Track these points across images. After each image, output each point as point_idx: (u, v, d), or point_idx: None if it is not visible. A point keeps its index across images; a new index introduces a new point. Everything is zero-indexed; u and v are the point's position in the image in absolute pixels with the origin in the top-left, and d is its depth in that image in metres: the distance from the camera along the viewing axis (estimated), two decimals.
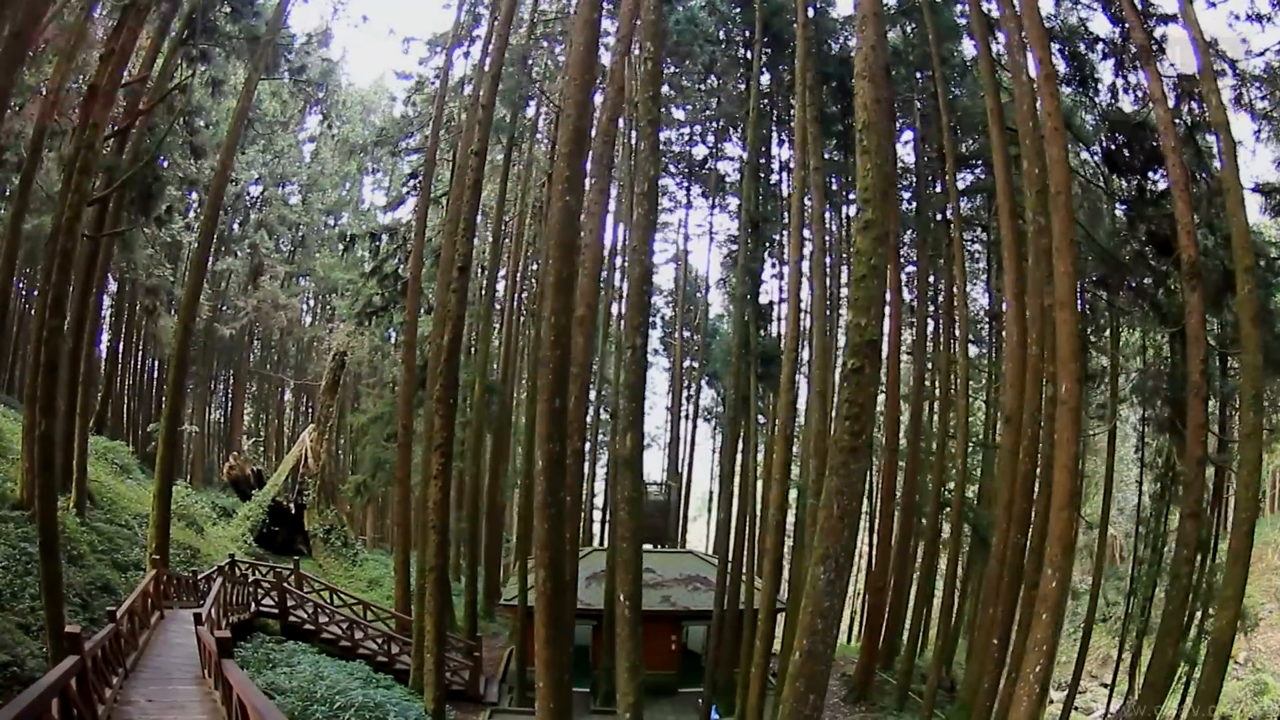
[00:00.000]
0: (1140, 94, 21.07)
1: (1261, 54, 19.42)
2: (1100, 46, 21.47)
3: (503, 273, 33.73)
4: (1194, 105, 19.80)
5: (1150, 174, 21.78)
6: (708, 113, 38.86)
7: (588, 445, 41.54)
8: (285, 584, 24.09)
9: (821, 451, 19.70)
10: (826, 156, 27.00)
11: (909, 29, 29.31)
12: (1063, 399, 14.08)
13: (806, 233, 23.58)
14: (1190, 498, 16.96)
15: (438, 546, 14.67)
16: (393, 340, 34.83)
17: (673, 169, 40.71)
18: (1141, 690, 20.40)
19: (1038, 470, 17.70)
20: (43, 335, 15.57)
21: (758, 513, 26.00)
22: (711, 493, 45.05)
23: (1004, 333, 25.42)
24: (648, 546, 28.41)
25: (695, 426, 45.69)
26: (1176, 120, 18.67)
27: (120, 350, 43.81)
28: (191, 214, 35.93)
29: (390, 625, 25.00)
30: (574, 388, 12.14)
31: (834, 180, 31.27)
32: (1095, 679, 43.61)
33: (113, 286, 42.43)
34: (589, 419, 37.75)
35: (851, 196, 31.71)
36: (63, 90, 21.48)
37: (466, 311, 16.90)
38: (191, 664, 14.49)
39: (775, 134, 31.69)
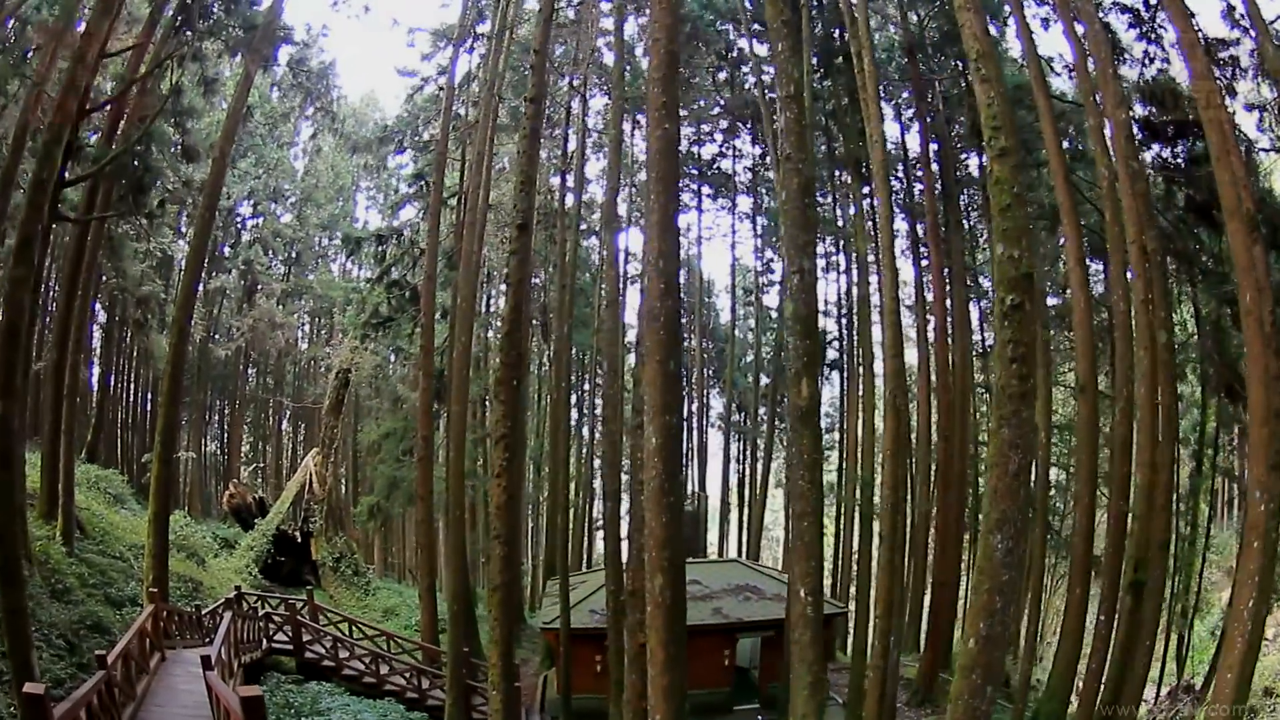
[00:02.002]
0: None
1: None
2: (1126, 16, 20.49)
3: None
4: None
5: (1183, 141, 20.30)
6: (716, 110, 36.63)
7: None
8: (299, 616, 21.01)
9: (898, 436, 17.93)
10: None
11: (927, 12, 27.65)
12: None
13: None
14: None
15: (504, 560, 11.94)
16: (401, 353, 31.79)
17: (681, 169, 38.11)
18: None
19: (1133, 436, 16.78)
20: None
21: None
22: (728, 503, 42.82)
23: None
24: (690, 557, 26.15)
25: (706, 436, 43.13)
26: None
27: (112, 381, 40.66)
28: (183, 227, 33.04)
29: (417, 657, 21.95)
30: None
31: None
32: None
33: (102, 318, 39.67)
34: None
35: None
36: (47, 84, 18.63)
37: (526, 276, 14.17)
38: (201, 716, 11.53)
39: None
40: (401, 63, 74.90)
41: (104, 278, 36.03)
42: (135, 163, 20.38)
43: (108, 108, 20.62)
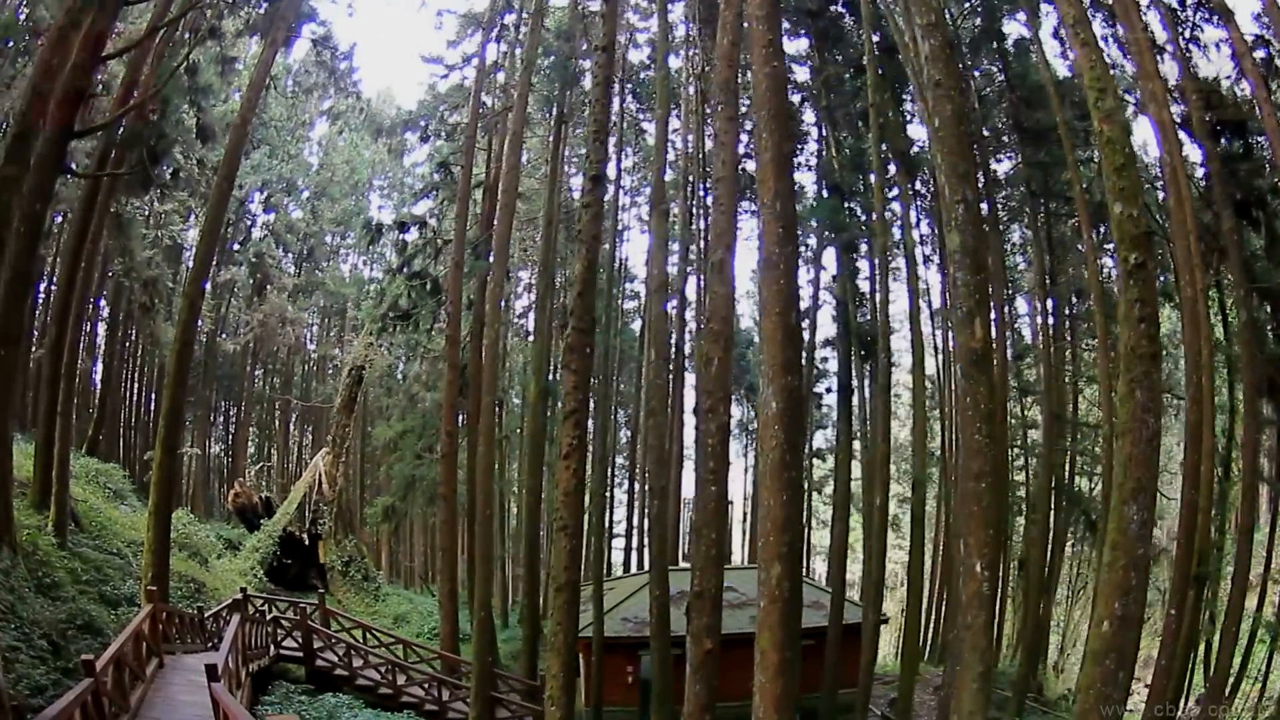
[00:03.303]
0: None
1: None
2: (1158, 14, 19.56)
3: None
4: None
5: (1225, 138, 19.65)
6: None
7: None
8: (310, 621, 18.97)
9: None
10: None
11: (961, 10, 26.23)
12: None
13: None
14: None
15: (570, 555, 10.30)
16: (419, 349, 29.81)
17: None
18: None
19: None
20: None
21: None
22: (745, 513, 40.74)
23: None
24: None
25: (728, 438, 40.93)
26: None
27: (115, 377, 38.64)
28: (194, 214, 31.21)
29: (435, 667, 19.93)
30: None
31: None
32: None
33: (106, 313, 37.77)
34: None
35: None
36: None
37: (600, 232, 12.32)
38: None
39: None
40: (426, 50, 73.27)
41: (110, 273, 34.36)
42: (149, 131, 18.60)
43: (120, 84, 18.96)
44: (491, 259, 20.31)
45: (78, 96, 13.87)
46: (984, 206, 26.33)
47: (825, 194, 21.92)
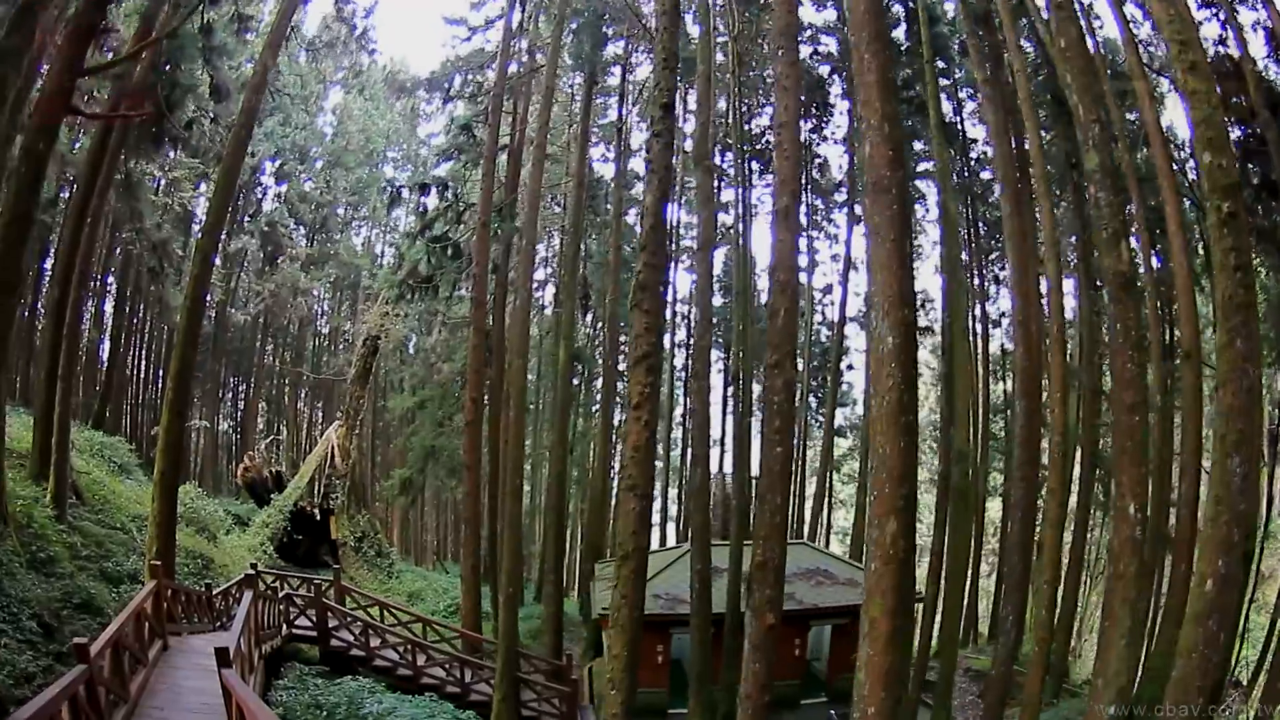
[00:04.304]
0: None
1: None
2: None
3: None
4: None
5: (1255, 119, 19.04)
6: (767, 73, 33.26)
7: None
8: (325, 599, 17.67)
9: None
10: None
11: None
12: None
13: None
14: None
15: (639, 517, 9.20)
16: (437, 317, 28.33)
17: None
18: None
19: None
20: None
21: None
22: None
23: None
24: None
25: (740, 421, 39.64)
26: None
27: (122, 351, 37.26)
28: (203, 187, 29.72)
29: (456, 646, 18.65)
30: None
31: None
32: None
33: (113, 292, 36.33)
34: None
35: None
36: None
37: (670, 163, 10.94)
38: None
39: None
40: (448, 11, 71.25)
41: (117, 249, 32.89)
42: (162, 81, 17.10)
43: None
44: (522, 218, 18.96)
45: (88, 31, 12.55)
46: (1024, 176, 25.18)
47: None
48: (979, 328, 31.40)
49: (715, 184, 29.42)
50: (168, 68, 18.48)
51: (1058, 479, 15.17)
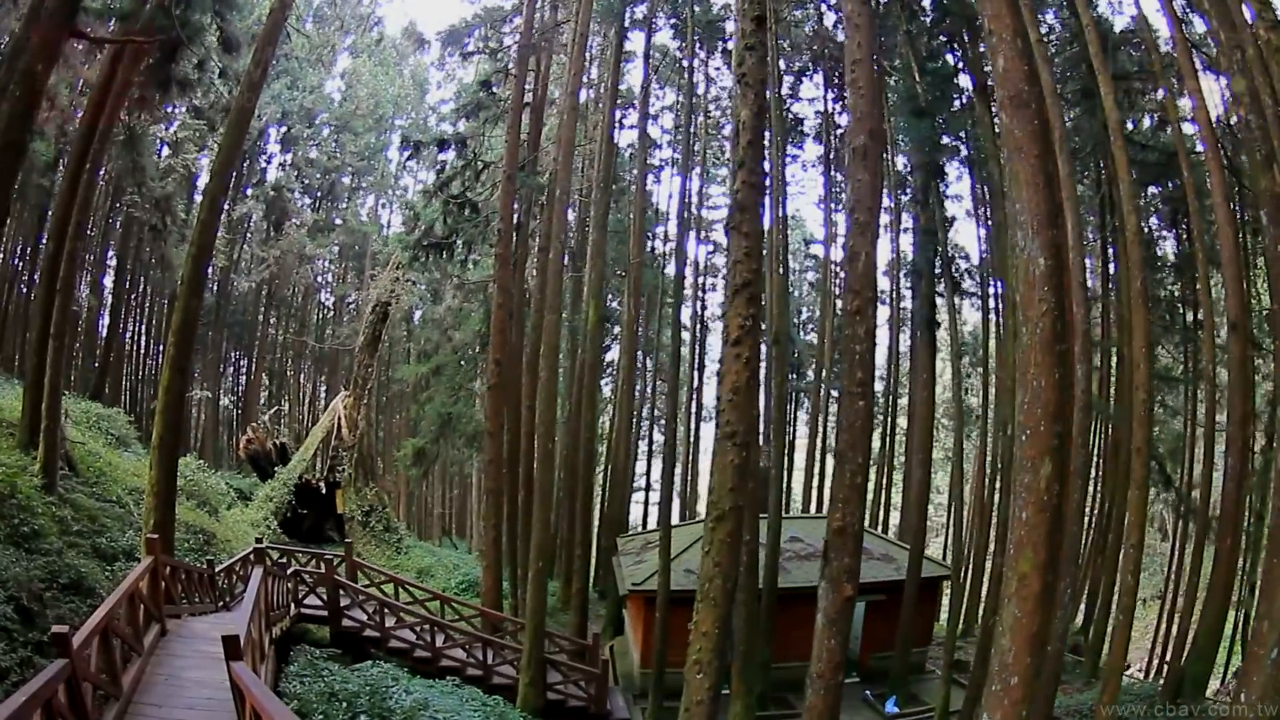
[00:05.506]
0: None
1: None
2: None
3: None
4: None
5: None
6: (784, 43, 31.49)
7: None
8: (337, 576, 16.26)
9: None
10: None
11: None
12: None
13: None
14: None
15: (737, 471, 7.88)
16: (451, 281, 26.70)
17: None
18: None
19: None
20: None
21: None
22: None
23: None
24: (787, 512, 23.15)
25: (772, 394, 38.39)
26: None
27: (121, 324, 35.65)
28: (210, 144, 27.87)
29: (475, 625, 17.29)
30: None
31: None
32: None
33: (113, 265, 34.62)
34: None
35: None
36: None
37: (767, 76, 9.39)
38: None
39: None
40: None
41: (116, 223, 31.14)
42: (174, 19, 15.39)
43: None
44: (556, 168, 17.53)
45: None
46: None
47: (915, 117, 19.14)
48: None
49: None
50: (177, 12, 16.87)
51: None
